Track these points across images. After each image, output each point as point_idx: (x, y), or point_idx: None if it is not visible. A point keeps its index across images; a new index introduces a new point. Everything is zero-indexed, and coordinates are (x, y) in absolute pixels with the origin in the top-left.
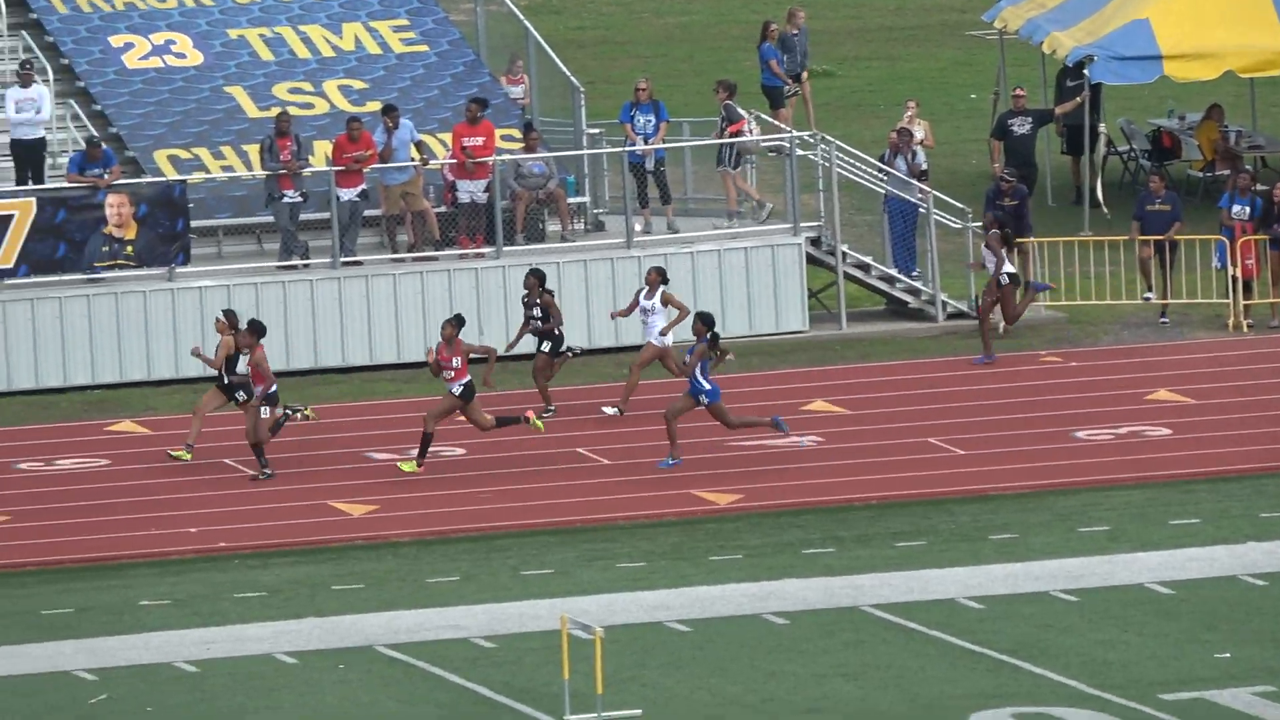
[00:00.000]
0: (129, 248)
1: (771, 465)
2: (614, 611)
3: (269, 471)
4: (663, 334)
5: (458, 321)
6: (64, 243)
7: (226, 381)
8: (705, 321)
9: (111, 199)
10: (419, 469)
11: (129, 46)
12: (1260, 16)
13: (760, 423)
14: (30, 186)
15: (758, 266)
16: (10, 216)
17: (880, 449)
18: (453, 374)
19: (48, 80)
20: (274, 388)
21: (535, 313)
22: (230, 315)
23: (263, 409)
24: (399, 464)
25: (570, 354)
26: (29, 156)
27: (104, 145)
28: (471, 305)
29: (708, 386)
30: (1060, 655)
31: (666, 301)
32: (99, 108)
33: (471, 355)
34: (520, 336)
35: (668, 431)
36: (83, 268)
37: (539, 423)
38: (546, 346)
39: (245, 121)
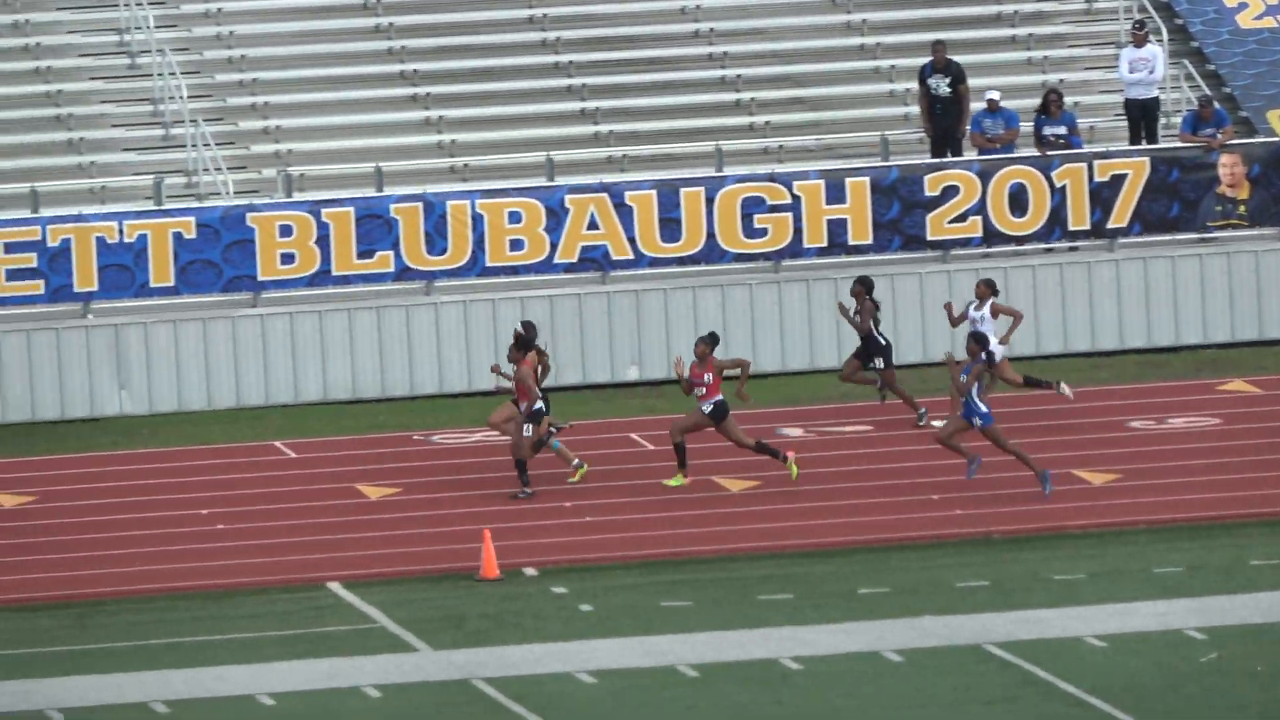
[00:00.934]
0: (1241, 207)
1: None
2: None
3: (529, 490)
4: (1002, 343)
5: (711, 340)
6: (1178, 202)
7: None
8: (979, 341)
9: (1224, 159)
10: (685, 480)
11: (1242, 7)
12: None
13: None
14: (1144, 146)
15: None
16: (1124, 176)
17: None
18: (704, 391)
19: (1161, 40)
20: (538, 405)
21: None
22: (529, 327)
23: (526, 427)
24: (665, 481)
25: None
26: (1143, 116)
27: (1216, 105)
28: None
29: (983, 409)
30: None
31: (997, 313)
32: (1212, 68)
33: (725, 372)
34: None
35: (956, 451)
36: (1196, 227)
37: (794, 466)
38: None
39: None
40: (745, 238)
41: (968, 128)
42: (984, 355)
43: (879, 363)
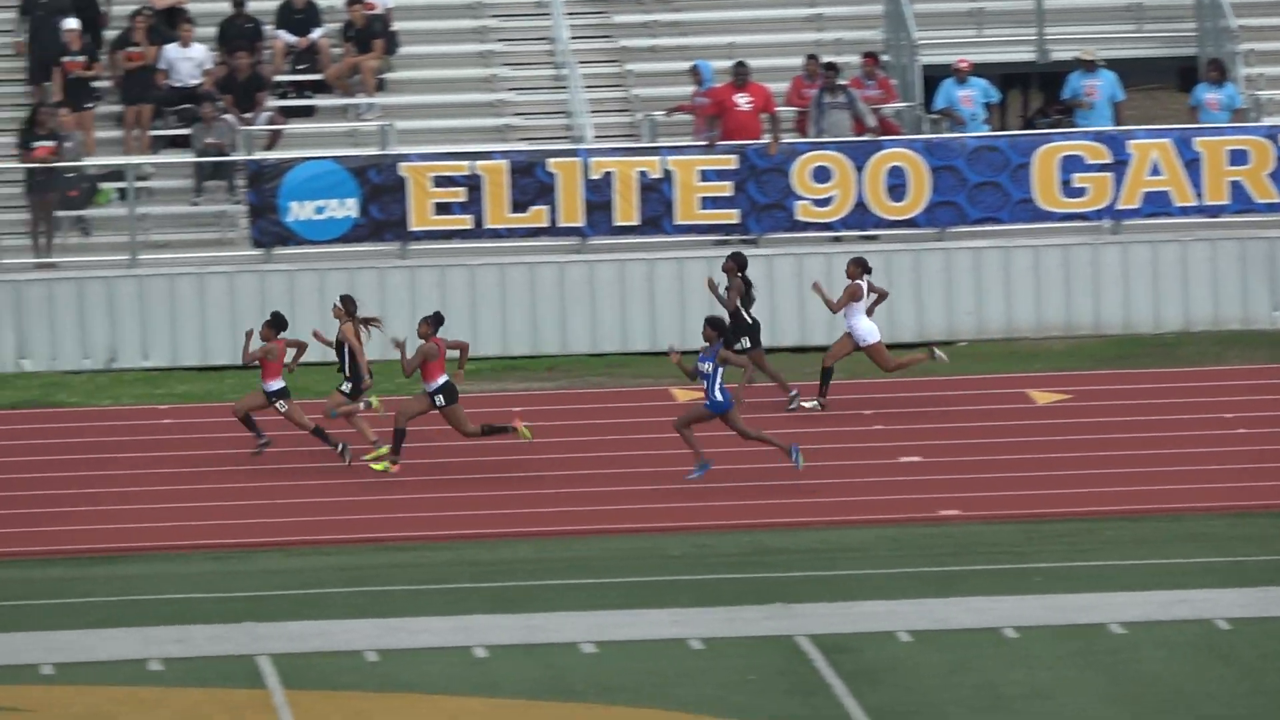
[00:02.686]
0: None
1: None
2: None
3: (265, 439)
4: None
5: (434, 320)
6: None
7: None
8: (714, 326)
9: None
10: (394, 467)
11: None
12: None
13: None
14: None
15: None
16: None
17: None
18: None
19: None
20: (280, 384)
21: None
22: (347, 301)
23: (280, 404)
24: (371, 464)
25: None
26: None
27: None
28: None
29: (719, 398)
30: None
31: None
32: None
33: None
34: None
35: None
36: None
37: (527, 432)
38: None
39: None
40: None
41: None
42: (721, 340)
43: (746, 343)
